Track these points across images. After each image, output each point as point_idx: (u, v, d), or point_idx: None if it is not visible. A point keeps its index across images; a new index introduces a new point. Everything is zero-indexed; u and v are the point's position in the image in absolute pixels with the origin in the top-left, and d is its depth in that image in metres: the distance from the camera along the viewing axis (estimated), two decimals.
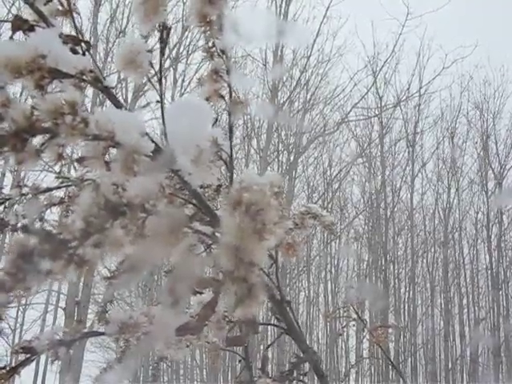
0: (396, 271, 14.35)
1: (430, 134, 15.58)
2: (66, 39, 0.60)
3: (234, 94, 0.70)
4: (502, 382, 13.50)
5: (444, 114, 14.99)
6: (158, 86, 0.68)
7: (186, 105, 0.70)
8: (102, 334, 0.69)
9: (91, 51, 0.64)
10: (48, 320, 11.46)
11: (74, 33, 0.64)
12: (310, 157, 14.30)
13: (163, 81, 0.71)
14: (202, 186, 0.76)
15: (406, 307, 14.30)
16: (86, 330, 0.68)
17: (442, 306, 14.38)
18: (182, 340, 0.71)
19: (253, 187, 0.47)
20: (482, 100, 14.96)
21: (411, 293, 14.19)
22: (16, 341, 11.44)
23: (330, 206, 13.89)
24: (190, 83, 11.79)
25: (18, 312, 11.73)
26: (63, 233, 0.37)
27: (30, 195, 0.77)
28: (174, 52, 11.23)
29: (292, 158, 12.94)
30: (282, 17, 12.43)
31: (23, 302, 11.78)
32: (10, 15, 10.34)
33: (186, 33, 11.43)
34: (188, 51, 11.83)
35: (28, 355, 0.59)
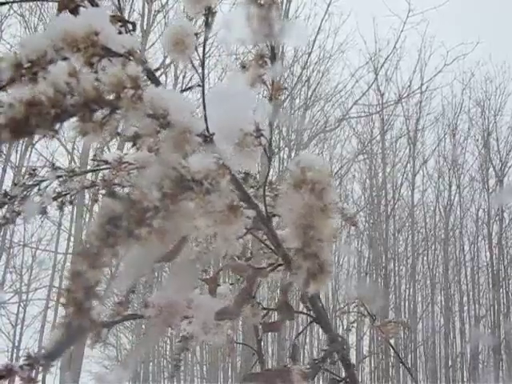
0: (396, 268, 14.37)
1: (431, 131, 15.54)
2: (113, 19, 0.59)
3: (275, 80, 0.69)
4: (503, 379, 13.53)
5: (445, 111, 14.99)
6: (200, 70, 0.68)
7: (227, 90, 0.69)
8: (142, 317, 0.69)
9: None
10: (49, 316, 11.46)
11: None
12: (311, 154, 14.27)
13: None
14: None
15: (407, 304, 14.32)
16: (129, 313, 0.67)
17: (443, 303, 14.40)
18: (220, 325, 0.70)
19: (315, 167, 0.47)
20: (483, 97, 14.97)
21: (411, 290, 14.21)
22: (17, 337, 11.44)
23: None
24: (190, 79, 11.75)
25: (18, 308, 11.74)
26: (143, 201, 0.37)
27: (64, 178, 0.77)
28: None
29: (293, 155, 12.93)
30: (283, 14, 12.40)
31: (24, 297, 11.77)
32: (12, 11, 10.32)
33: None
34: None
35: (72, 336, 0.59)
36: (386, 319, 2.16)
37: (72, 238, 10.39)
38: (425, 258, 14.82)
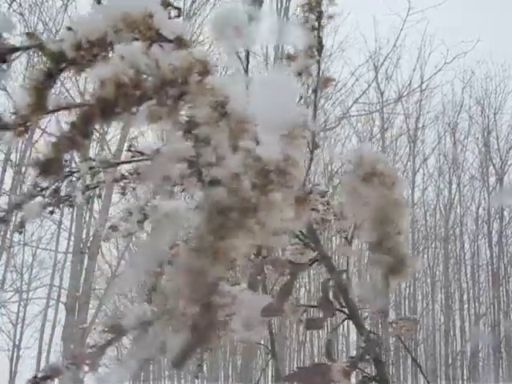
0: None
1: (431, 129, 15.55)
2: (162, 3, 0.57)
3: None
4: (503, 377, 13.54)
5: (445, 110, 15.00)
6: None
7: (271, 79, 0.67)
8: None
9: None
10: (49, 315, 11.42)
11: None
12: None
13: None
14: None
15: (407, 302, 14.31)
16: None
17: (443, 301, 14.40)
18: (263, 322, 0.68)
19: (382, 159, 0.44)
20: (483, 95, 14.97)
21: (412, 288, 14.20)
22: (17, 336, 11.41)
23: (331, 199, 13.84)
24: None
25: (19, 307, 11.70)
26: (243, 191, 0.34)
27: (98, 169, 0.75)
28: None
29: None
30: (282, 12, 12.37)
31: (24, 296, 11.73)
32: (11, 10, 10.27)
33: (188, 27, 11.37)
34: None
35: (115, 334, 0.57)
36: (398, 317, 2.14)
37: (72, 237, 10.35)
38: (425, 256, 14.81)
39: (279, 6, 12.47)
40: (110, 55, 0.42)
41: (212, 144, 0.49)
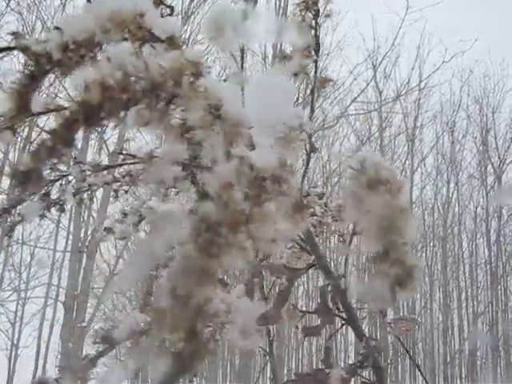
0: None
1: (429, 128, 15.54)
2: (154, 2, 0.55)
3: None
4: (500, 376, 13.54)
5: (444, 109, 14.98)
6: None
7: (266, 81, 0.65)
8: None
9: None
10: (48, 314, 11.39)
11: None
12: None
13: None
14: None
15: (405, 301, 14.30)
16: None
17: (441, 300, 14.39)
18: (260, 330, 0.66)
19: (384, 165, 0.42)
20: (481, 94, 14.96)
21: None
22: (16, 335, 11.38)
23: (329, 200, 13.82)
24: None
25: (17, 306, 11.67)
26: (233, 204, 0.32)
27: (89, 172, 0.73)
28: None
29: None
30: (281, 11, 12.33)
31: (22, 295, 11.70)
32: (9, 9, 10.21)
33: (186, 26, 11.33)
34: (187, 45, 11.72)
35: (107, 346, 0.55)
36: (396, 316, 2.13)
37: (71, 236, 10.32)
38: (423, 255, 14.79)
39: (277, 4, 12.43)
40: (98, 56, 0.40)
41: (206, 148, 0.47)
